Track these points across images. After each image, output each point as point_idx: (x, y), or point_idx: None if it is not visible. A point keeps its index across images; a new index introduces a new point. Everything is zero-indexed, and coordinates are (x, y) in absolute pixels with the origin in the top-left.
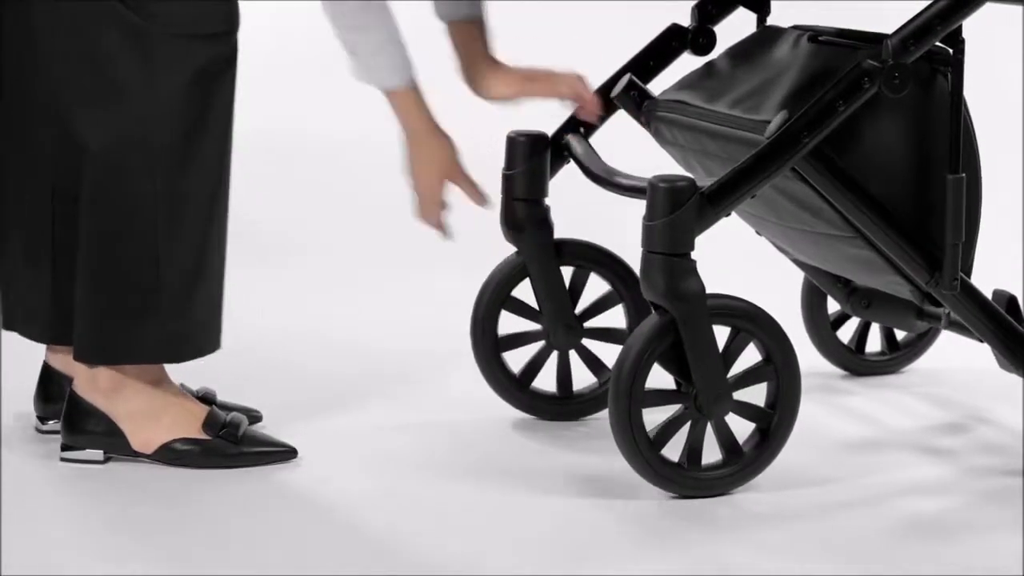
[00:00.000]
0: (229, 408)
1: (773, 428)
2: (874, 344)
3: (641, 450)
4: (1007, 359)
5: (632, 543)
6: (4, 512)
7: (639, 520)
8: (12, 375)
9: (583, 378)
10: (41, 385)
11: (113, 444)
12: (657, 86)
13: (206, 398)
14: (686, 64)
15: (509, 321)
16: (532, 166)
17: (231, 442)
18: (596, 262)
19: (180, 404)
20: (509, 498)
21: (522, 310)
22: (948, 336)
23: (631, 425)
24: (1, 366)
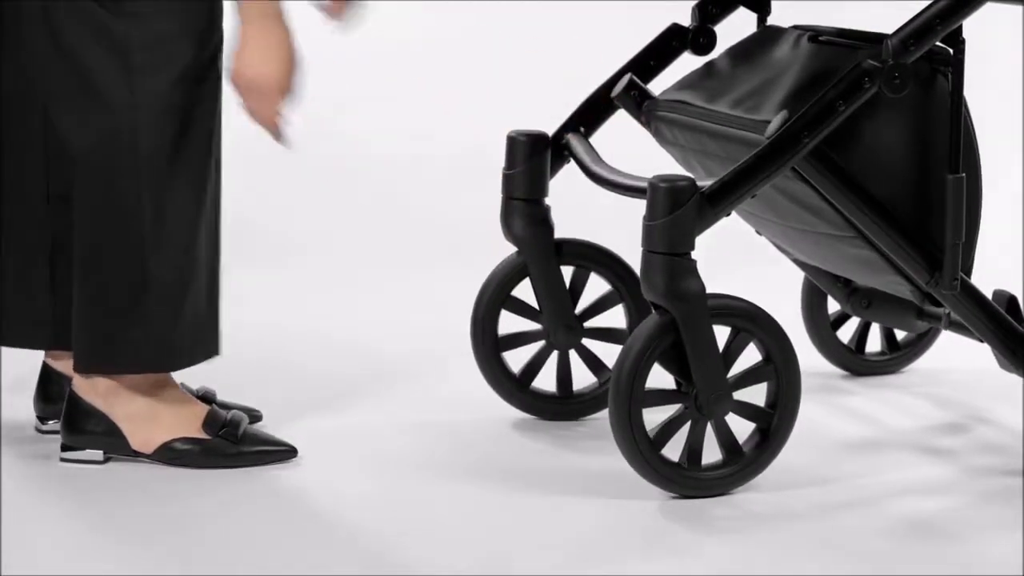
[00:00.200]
0: (229, 408)
1: (773, 428)
2: (874, 344)
3: (641, 450)
4: (1007, 359)
5: (632, 543)
6: (4, 512)
7: (639, 520)
8: (12, 375)
9: (583, 378)
10: (41, 385)
11: (113, 444)
12: (657, 86)
13: (206, 397)
14: (686, 64)
15: (509, 321)
16: (532, 166)
17: (231, 442)
18: (596, 262)
19: (180, 404)
20: (509, 498)
21: (522, 310)
22: (948, 336)
23: (631, 425)
24: (1, 366)
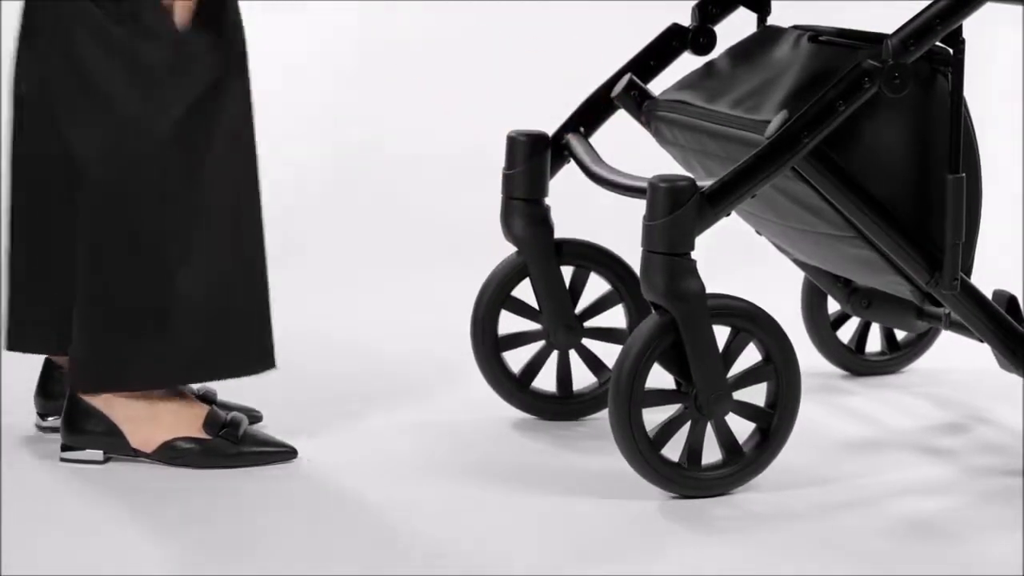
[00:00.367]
0: (229, 408)
1: (773, 428)
2: (874, 344)
3: (641, 450)
4: (1007, 359)
5: (632, 543)
6: (4, 512)
7: (639, 520)
8: (12, 374)
9: (583, 378)
10: (41, 381)
11: (113, 444)
12: (657, 86)
13: (206, 397)
14: (686, 64)
15: (509, 321)
16: (532, 166)
17: (231, 442)
18: (596, 262)
19: (180, 404)
20: (509, 498)
21: (522, 310)
22: (948, 336)
23: (631, 425)
24: (1, 366)
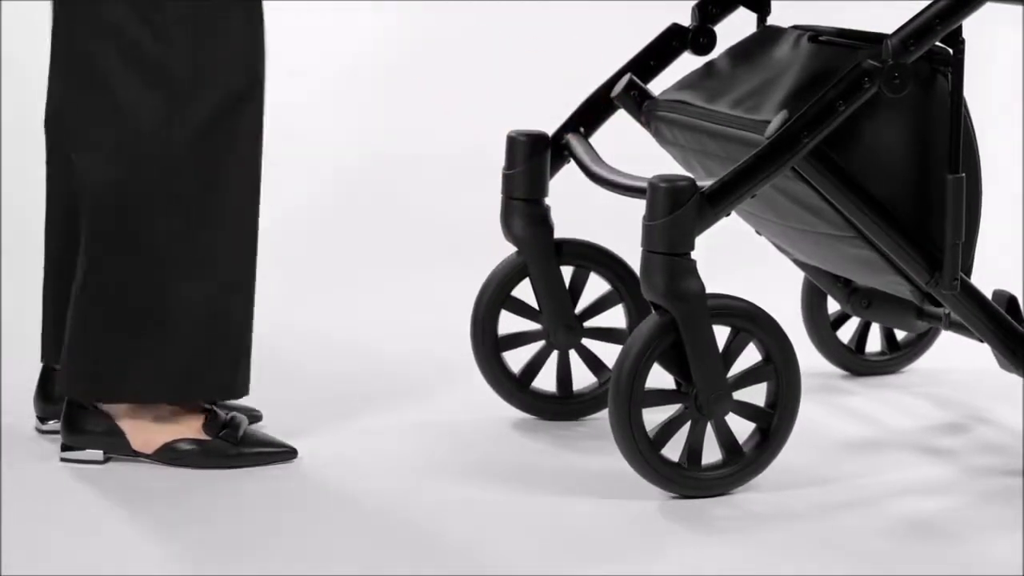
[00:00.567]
0: (230, 408)
1: (773, 428)
2: (874, 344)
3: (641, 450)
4: (1007, 359)
5: (632, 543)
6: (4, 512)
7: (639, 520)
8: (12, 375)
9: (583, 378)
10: (41, 385)
11: (113, 444)
12: (657, 86)
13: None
14: (686, 64)
15: (509, 321)
16: (532, 166)
17: (231, 443)
18: (596, 262)
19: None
20: (509, 498)
21: (522, 310)
22: (948, 336)
23: (631, 425)
24: (1, 366)
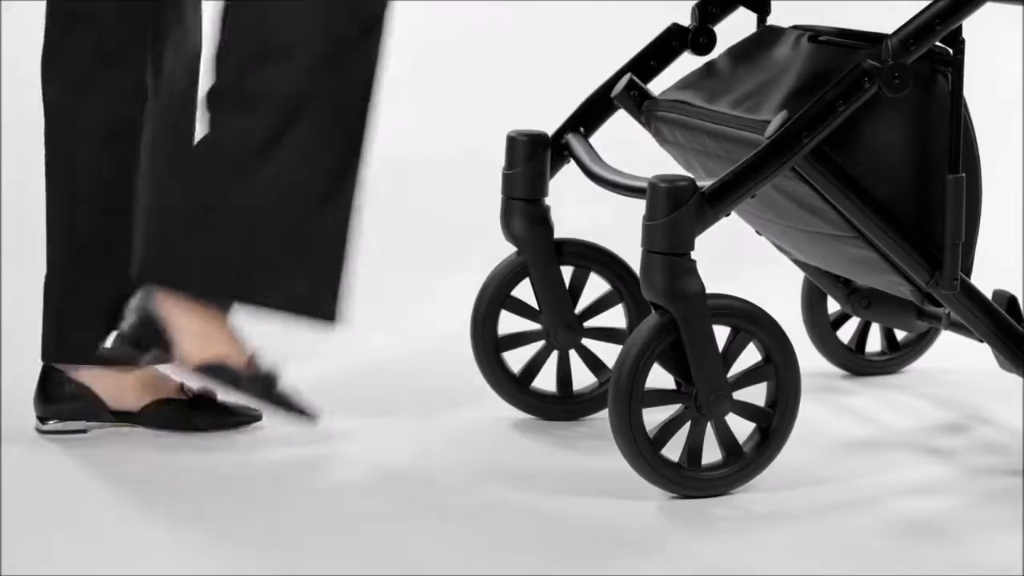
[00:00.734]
0: (230, 408)
1: (773, 428)
2: (874, 344)
3: (641, 450)
4: (1007, 359)
5: (632, 543)
6: (4, 512)
7: (639, 520)
8: (12, 375)
9: (583, 378)
10: (41, 385)
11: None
12: (657, 86)
13: (206, 397)
14: (686, 64)
15: (509, 321)
16: (532, 166)
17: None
18: (596, 262)
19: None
20: (509, 498)
21: (522, 310)
22: (948, 336)
23: (631, 425)
24: (1, 366)
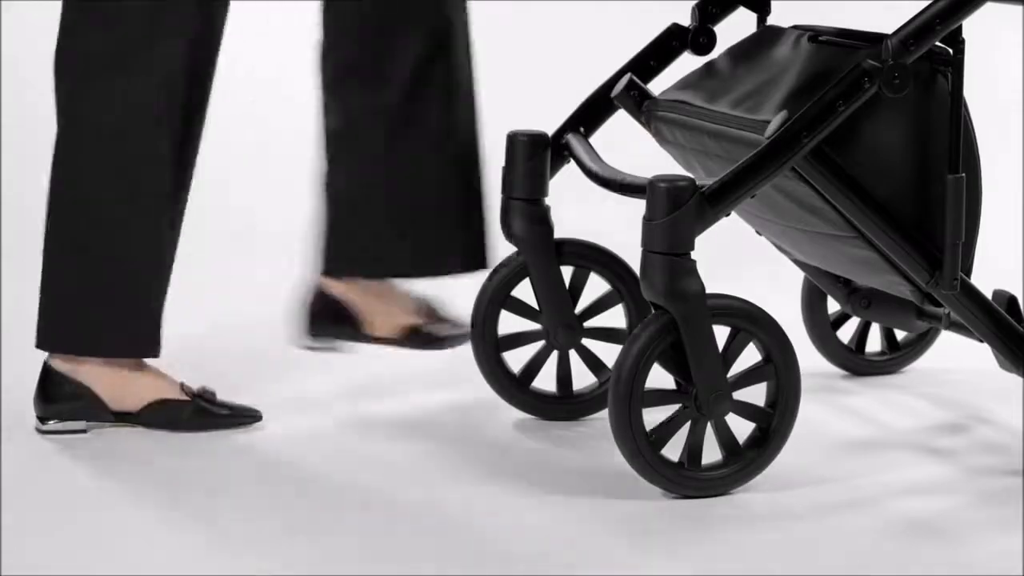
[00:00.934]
0: (229, 408)
1: (773, 428)
2: (874, 344)
3: (641, 450)
4: (1007, 359)
5: (632, 543)
6: (4, 512)
7: (639, 520)
8: (12, 375)
9: (583, 378)
10: (41, 385)
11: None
12: (657, 86)
13: (206, 397)
14: (686, 64)
15: (509, 321)
16: (532, 166)
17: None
18: (596, 262)
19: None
20: (509, 498)
21: (522, 310)
22: (948, 336)
23: (631, 425)
24: (1, 366)
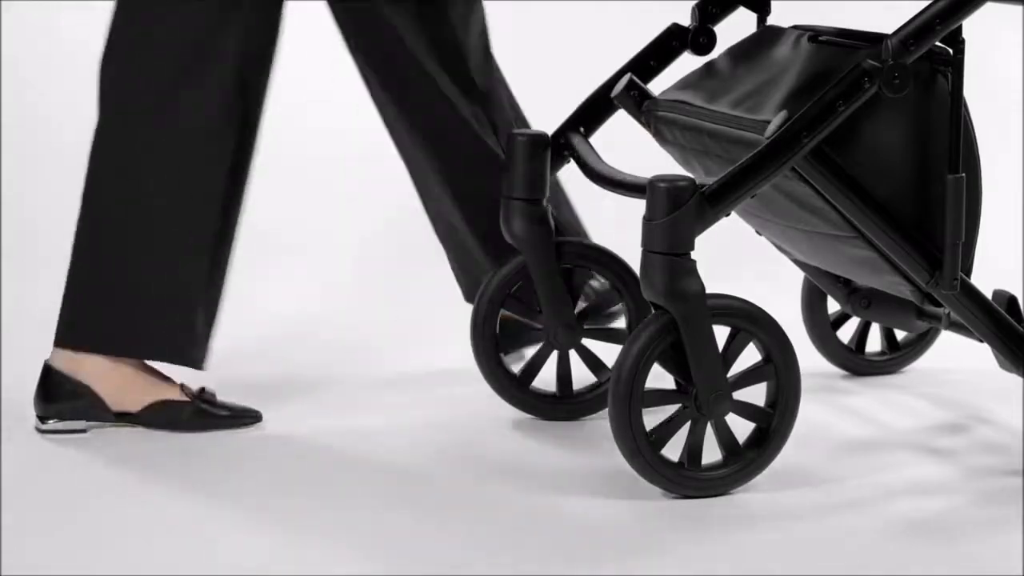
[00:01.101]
0: (230, 407)
1: (773, 428)
2: (874, 344)
3: (641, 450)
4: (1007, 359)
5: (632, 543)
6: (4, 512)
7: (639, 520)
8: (12, 375)
9: (583, 378)
10: (42, 384)
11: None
12: (657, 86)
13: (206, 398)
14: (686, 64)
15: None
16: (532, 166)
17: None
18: (596, 262)
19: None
20: (509, 498)
21: (522, 310)
22: (948, 336)
23: (631, 425)
24: (1, 366)
